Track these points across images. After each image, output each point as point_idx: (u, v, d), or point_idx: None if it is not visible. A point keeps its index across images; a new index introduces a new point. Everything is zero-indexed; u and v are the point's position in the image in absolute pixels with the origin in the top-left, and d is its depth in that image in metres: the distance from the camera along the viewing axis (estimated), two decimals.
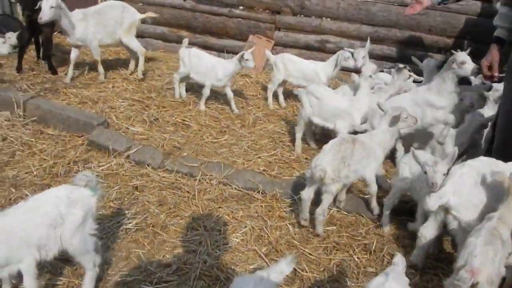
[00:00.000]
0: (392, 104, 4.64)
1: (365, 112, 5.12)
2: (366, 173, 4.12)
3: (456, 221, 3.36)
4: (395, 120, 4.15)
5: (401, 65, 5.42)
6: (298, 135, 5.43)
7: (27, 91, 6.23)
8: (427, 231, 3.56)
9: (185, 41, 6.53)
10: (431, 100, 4.90)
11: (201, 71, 6.21)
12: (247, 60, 5.95)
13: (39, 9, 6.01)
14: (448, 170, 3.49)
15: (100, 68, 6.82)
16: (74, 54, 6.64)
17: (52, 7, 5.93)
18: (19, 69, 6.95)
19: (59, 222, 2.86)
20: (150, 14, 7.36)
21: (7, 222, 2.75)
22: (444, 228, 3.52)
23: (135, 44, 7.04)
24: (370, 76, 5.17)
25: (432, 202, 3.30)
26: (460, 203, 3.32)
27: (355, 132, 4.82)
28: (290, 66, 6.49)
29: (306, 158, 5.35)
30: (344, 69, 6.50)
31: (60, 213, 2.86)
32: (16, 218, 2.79)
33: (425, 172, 3.48)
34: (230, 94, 6.23)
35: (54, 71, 6.99)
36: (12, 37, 7.89)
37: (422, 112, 4.91)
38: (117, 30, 6.83)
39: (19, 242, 2.75)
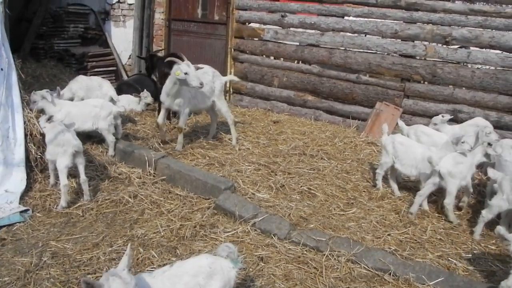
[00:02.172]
0: None
1: None
2: None
3: None
4: None
5: None
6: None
7: (158, 149, 6.45)
8: None
9: (385, 127, 5.96)
10: None
11: (408, 162, 5.58)
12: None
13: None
14: None
15: (180, 138, 6.65)
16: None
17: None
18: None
19: None
20: (232, 77, 7.69)
21: (155, 285, 2.83)
22: None
23: (226, 109, 7.07)
24: None
25: None
26: None
27: None
28: (424, 138, 6.12)
29: (440, 239, 4.92)
30: None
31: (199, 284, 2.87)
32: (162, 282, 2.86)
33: None
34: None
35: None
36: (148, 96, 8.34)
37: None
38: (211, 96, 6.87)
39: None
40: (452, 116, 7.24)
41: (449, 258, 4.50)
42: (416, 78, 8.08)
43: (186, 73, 5.94)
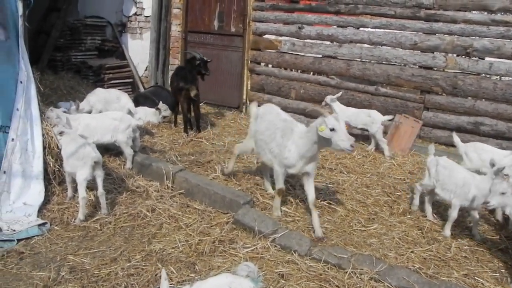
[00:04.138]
0: None
1: None
2: None
3: None
4: None
5: None
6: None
7: (175, 162, 6.41)
8: None
9: (431, 147, 5.61)
10: None
11: (449, 187, 5.14)
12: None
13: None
14: None
15: (278, 202, 5.25)
16: None
17: None
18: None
19: None
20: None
21: None
22: None
23: None
24: None
25: None
26: None
27: None
28: (484, 156, 5.74)
29: (465, 257, 4.78)
30: None
31: None
32: None
33: None
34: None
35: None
36: (167, 109, 8.35)
37: None
38: None
39: None
40: (340, 94, 7.93)
41: (476, 277, 4.36)
42: (436, 90, 7.97)
43: (332, 129, 4.49)
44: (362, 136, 7.92)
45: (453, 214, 5.04)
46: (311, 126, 4.74)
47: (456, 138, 6.27)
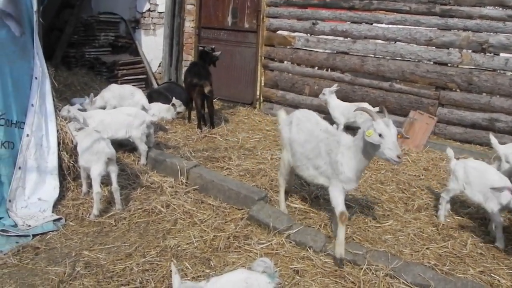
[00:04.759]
0: None
1: None
2: None
3: None
4: None
5: None
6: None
7: (190, 158, 6.41)
8: None
9: (450, 151, 5.36)
10: None
11: (481, 189, 4.86)
12: None
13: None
14: None
15: (342, 235, 4.34)
16: None
17: None
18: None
19: None
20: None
21: None
22: None
23: None
24: None
25: None
26: None
27: None
28: None
29: (481, 253, 4.73)
30: None
31: None
32: None
33: None
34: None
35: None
36: (181, 105, 8.36)
37: None
38: None
39: None
40: (338, 87, 8.15)
41: (492, 274, 4.30)
42: (451, 86, 7.89)
43: (380, 135, 3.95)
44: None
45: (497, 220, 4.75)
46: (359, 132, 4.24)
47: (493, 139, 5.77)
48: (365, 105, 7.62)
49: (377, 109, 7.46)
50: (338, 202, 4.35)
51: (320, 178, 4.61)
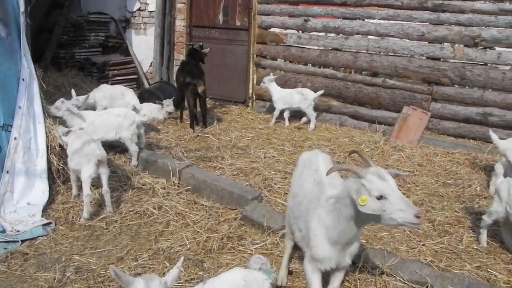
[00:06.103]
0: None
1: None
2: None
3: None
4: None
5: None
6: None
7: (182, 159, 6.33)
8: None
9: (499, 167, 4.96)
10: None
11: None
12: None
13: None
14: None
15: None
16: None
17: None
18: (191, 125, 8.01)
19: None
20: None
21: None
22: None
23: None
24: None
25: None
26: None
27: None
28: None
29: (477, 249, 4.67)
30: None
31: None
32: None
33: None
34: None
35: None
36: (170, 105, 8.26)
37: None
38: None
39: None
40: (277, 76, 8.56)
41: (489, 270, 4.25)
42: (444, 81, 7.84)
43: (381, 197, 2.74)
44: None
45: None
46: (340, 193, 3.00)
47: (493, 135, 5.61)
48: (306, 90, 8.08)
49: (320, 92, 7.81)
50: (311, 283, 3.27)
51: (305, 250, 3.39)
